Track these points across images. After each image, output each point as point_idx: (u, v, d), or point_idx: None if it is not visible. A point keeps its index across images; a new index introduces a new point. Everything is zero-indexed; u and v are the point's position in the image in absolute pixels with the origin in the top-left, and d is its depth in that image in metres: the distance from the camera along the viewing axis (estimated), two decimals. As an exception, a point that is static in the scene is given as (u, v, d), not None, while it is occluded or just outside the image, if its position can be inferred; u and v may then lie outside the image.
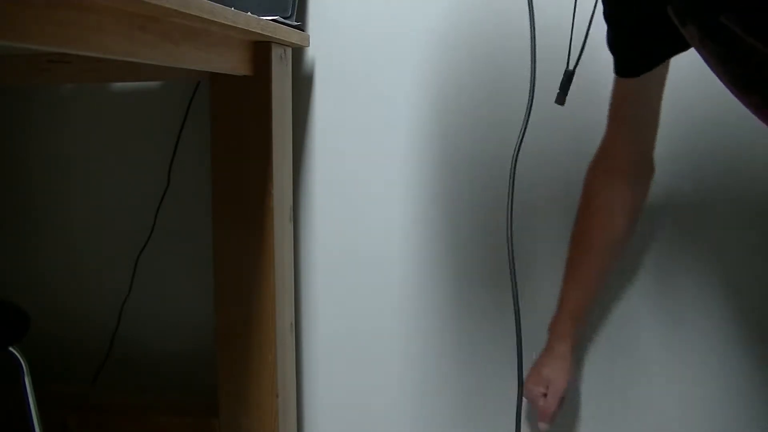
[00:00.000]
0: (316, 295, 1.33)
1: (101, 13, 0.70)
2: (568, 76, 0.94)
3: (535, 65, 0.89)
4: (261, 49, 1.05)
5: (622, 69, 0.95)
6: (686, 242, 1.18)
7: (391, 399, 1.31)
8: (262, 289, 1.09)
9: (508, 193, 0.90)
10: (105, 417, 1.28)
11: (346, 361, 1.32)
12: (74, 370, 1.43)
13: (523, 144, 0.90)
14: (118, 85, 1.39)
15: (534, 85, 0.89)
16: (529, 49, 0.89)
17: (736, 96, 0.77)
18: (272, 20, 1.04)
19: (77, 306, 1.45)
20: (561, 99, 0.94)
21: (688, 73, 1.03)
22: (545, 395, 1.10)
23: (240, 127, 1.07)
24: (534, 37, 0.89)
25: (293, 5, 1.14)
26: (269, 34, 1.02)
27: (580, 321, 1.11)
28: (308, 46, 1.24)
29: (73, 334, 1.44)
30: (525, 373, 1.04)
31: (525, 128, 0.89)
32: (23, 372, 0.99)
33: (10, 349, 0.99)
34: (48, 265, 1.46)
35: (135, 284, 1.39)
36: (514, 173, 0.90)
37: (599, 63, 0.97)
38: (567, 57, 0.93)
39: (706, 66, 0.79)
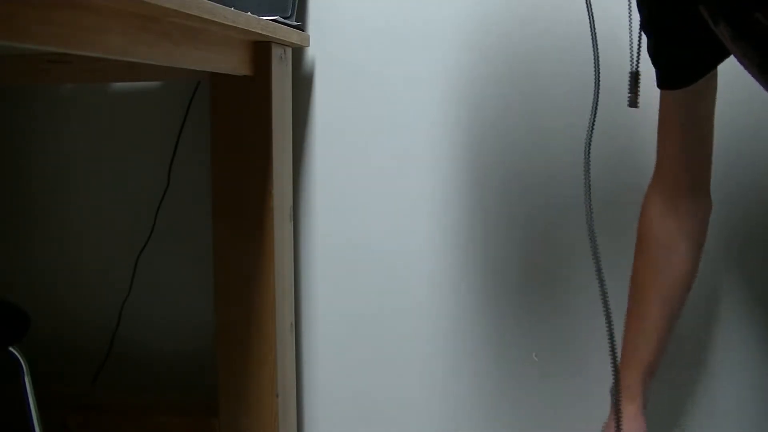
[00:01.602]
0: (316, 295, 1.33)
1: (101, 13, 0.70)
2: (634, 78, 0.88)
3: (598, 62, 0.79)
4: (261, 49, 1.05)
5: (665, 80, 0.89)
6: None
7: (392, 399, 1.31)
8: (262, 289, 1.09)
9: (585, 193, 0.80)
10: (105, 417, 1.28)
11: (347, 361, 1.32)
12: (74, 370, 1.43)
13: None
14: (118, 85, 1.39)
15: (599, 83, 0.80)
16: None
17: None
18: (272, 20, 1.04)
19: (77, 306, 1.45)
20: (633, 102, 0.89)
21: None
22: None
23: (240, 127, 1.06)
24: (594, 34, 0.79)
25: (293, 5, 1.14)
26: (269, 34, 1.02)
27: (649, 377, 0.96)
28: (308, 46, 1.24)
29: (73, 334, 1.44)
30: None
31: (592, 127, 0.80)
32: (23, 372, 0.99)
33: (10, 349, 0.99)
34: (48, 265, 1.46)
35: (135, 284, 1.39)
36: (589, 173, 0.80)
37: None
38: (630, 58, 0.88)
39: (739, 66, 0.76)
